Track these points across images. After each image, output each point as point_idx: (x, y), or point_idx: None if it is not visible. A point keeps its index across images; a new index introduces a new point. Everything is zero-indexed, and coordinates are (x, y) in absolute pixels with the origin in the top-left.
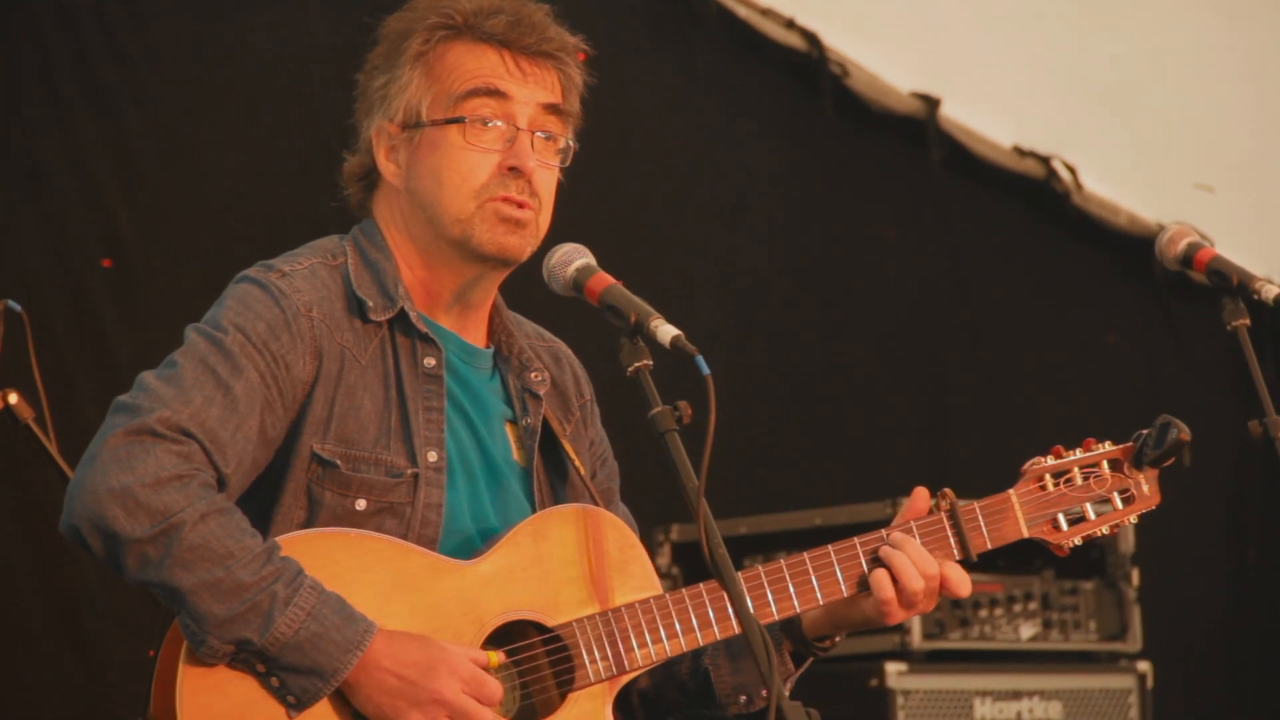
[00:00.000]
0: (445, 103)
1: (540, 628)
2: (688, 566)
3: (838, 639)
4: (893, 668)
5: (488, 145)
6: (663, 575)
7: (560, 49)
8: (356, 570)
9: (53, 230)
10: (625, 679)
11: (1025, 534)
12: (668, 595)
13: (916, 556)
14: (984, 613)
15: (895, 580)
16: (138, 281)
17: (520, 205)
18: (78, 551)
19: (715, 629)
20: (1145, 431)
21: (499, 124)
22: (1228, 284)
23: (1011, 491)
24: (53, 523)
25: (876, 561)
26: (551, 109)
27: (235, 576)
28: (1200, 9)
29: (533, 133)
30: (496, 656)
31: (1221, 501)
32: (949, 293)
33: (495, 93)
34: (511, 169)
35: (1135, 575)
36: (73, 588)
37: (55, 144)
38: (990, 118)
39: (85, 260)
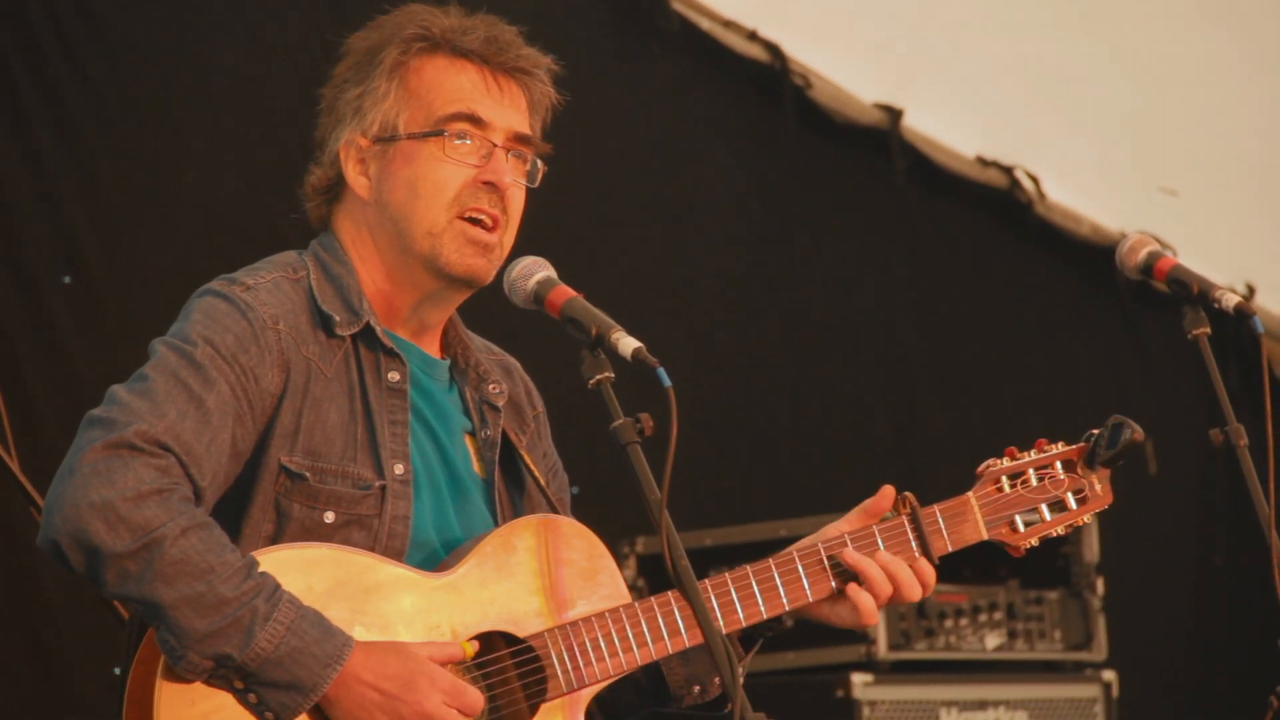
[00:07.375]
0: (424, 119)
1: (511, 639)
2: (654, 579)
3: (787, 622)
4: (858, 678)
5: (463, 158)
6: (629, 588)
7: (534, 66)
8: (329, 584)
9: (13, 246)
10: (597, 688)
11: (985, 536)
12: (636, 604)
13: (883, 559)
14: (949, 623)
15: (865, 584)
16: (98, 298)
17: (490, 227)
18: (39, 567)
19: (684, 636)
20: (1097, 431)
21: (475, 140)
22: (1188, 293)
23: (970, 494)
24: (11, 538)
25: (840, 568)
26: (523, 136)
27: (216, 591)
28: (1163, 15)
29: (506, 150)
30: (470, 646)
31: (1186, 509)
32: (913, 303)
33: (475, 118)
34: (486, 184)
35: (1100, 584)
36: (34, 604)
37: (15, 159)
38: (953, 127)
39: (46, 277)
